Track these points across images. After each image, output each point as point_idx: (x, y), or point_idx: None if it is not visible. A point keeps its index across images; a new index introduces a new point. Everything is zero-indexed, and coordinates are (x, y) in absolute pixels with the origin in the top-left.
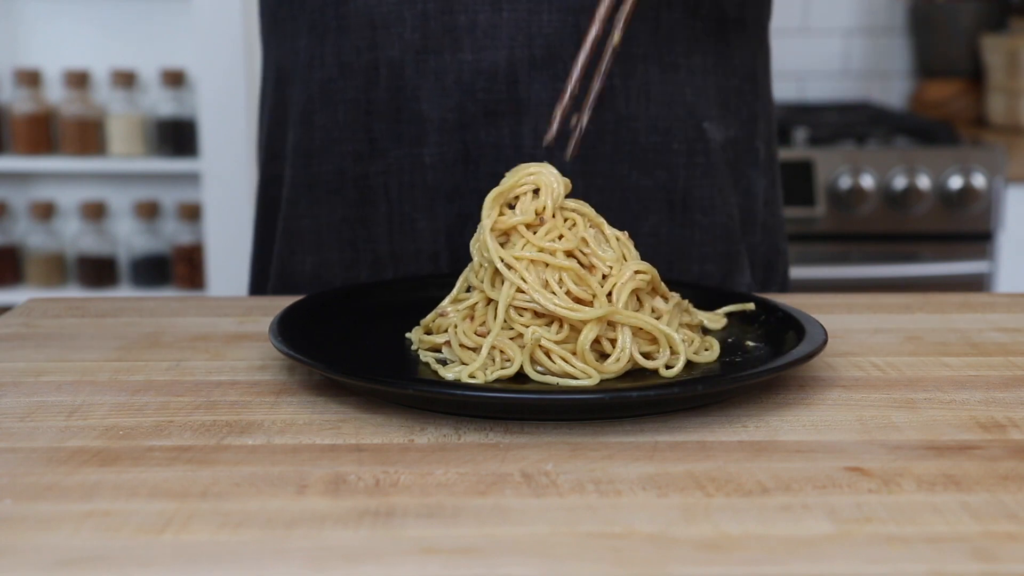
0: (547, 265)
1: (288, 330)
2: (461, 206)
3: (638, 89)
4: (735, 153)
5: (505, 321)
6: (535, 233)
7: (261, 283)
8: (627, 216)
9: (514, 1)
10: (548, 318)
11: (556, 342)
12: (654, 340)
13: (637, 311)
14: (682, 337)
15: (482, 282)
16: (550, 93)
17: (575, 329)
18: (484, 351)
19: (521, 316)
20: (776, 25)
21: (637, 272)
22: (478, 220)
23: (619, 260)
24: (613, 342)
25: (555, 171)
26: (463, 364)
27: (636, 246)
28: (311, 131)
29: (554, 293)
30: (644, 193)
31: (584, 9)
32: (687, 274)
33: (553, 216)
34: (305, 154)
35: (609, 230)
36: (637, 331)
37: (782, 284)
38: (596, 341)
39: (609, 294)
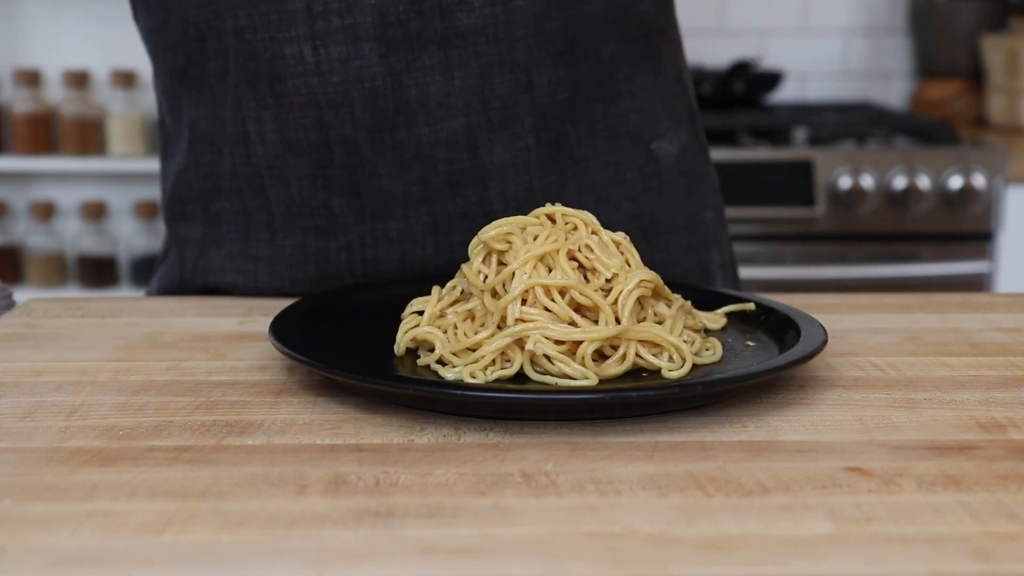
0: (550, 270)
1: (288, 330)
2: (433, 279)
3: (586, 130)
4: (691, 156)
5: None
6: (535, 239)
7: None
8: None
9: (464, 67)
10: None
11: (558, 351)
12: (658, 345)
13: (640, 314)
14: (685, 339)
15: (483, 293)
16: (512, 152)
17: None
18: (485, 353)
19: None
20: (775, 25)
21: (643, 281)
22: None
23: (623, 267)
24: (615, 347)
25: (491, 225)
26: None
27: None
28: (268, 205)
29: (554, 300)
30: (617, 228)
31: (535, 64)
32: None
33: (552, 220)
34: (268, 227)
35: (607, 235)
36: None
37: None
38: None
39: (615, 301)
